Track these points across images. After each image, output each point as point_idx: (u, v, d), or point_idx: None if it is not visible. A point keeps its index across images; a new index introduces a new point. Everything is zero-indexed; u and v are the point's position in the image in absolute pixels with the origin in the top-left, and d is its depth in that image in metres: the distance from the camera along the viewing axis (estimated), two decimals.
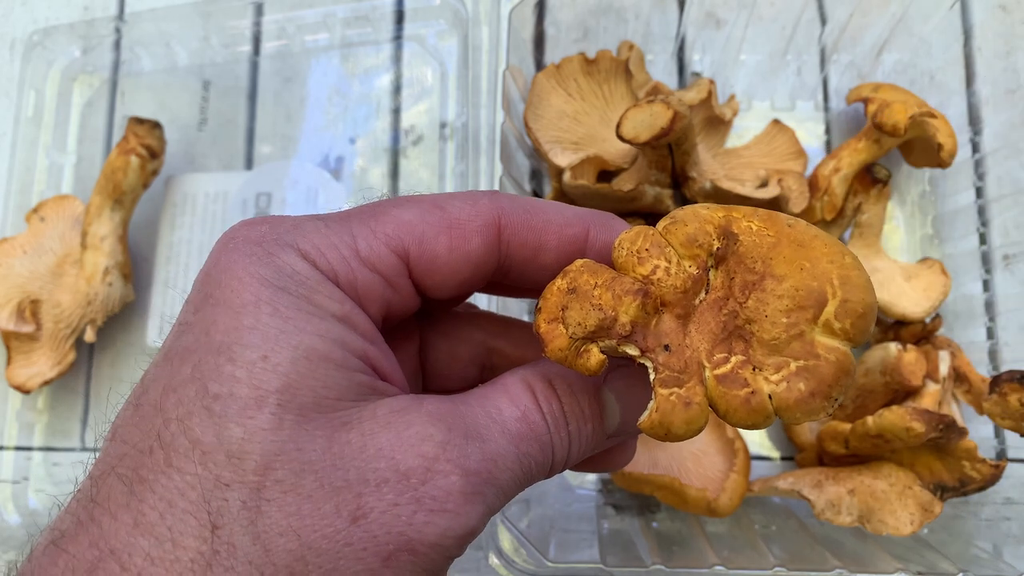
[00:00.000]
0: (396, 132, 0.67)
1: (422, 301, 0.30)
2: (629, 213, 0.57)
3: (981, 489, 0.49)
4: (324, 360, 0.25)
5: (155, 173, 0.63)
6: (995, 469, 0.48)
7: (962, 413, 0.56)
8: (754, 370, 0.25)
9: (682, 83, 0.66)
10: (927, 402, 0.53)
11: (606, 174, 0.59)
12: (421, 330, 0.33)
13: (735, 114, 0.63)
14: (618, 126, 0.51)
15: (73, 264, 0.62)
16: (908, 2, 0.59)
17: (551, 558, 0.48)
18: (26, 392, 0.61)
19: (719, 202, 0.56)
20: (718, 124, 0.62)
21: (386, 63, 0.68)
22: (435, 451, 0.25)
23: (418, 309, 0.31)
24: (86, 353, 0.66)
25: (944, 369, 0.54)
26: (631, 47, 0.60)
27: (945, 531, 0.54)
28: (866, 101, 0.57)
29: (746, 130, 0.64)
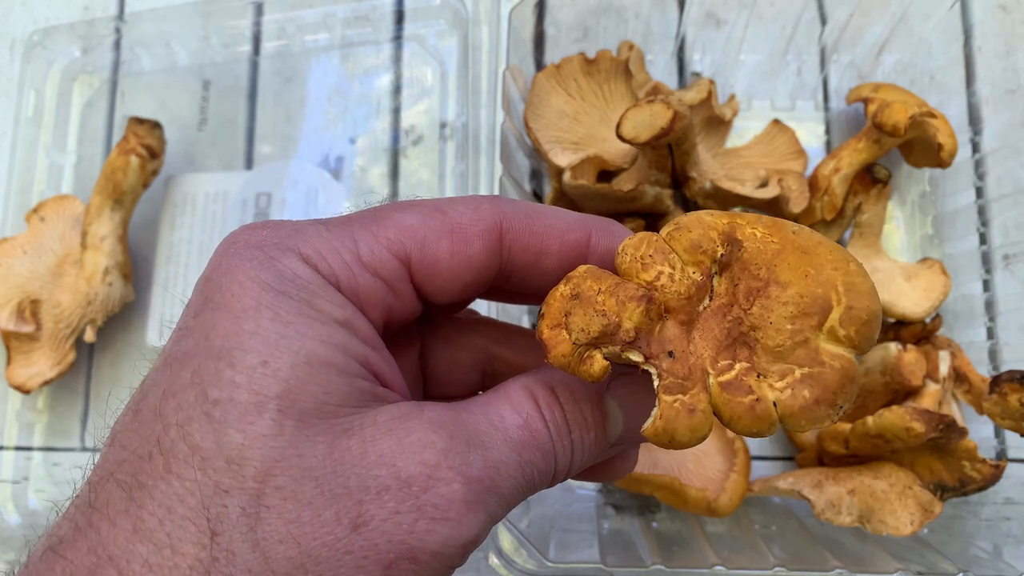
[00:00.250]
0: (396, 132, 0.67)
1: (423, 306, 0.30)
2: (629, 213, 0.57)
3: (981, 489, 0.49)
4: (325, 365, 0.25)
5: (155, 173, 0.63)
6: (995, 469, 0.48)
7: (962, 413, 0.56)
8: (758, 377, 0.25)
9: (682, 83, 0.66)
10: (927, 402, 0.53)
11: (606, 174, 0.59)
12: (422, 336, 0.33)
13: (735, 114, 0.63)
14: (618, 126, 0.51)
15: (73, 264, 0.62)
16: (908, 2, 0.59)
17: (551, 558, 0.48)
18: (26, 392, 0.61)
19: (719, 202, 0.56)
20: (718, 124, 0.62)
21: (386, 63, 0.68)
22: (437, 458, 0.24)
23: (420, 314, 0.31)
24: (86, 353, 0.66)
25: (944, 369, 0.54)
26: (631, 47, 0.60)
27: (945, 531, 0.54)
28: (866, 101, 0.57)
29: (746, 130, 0.64)
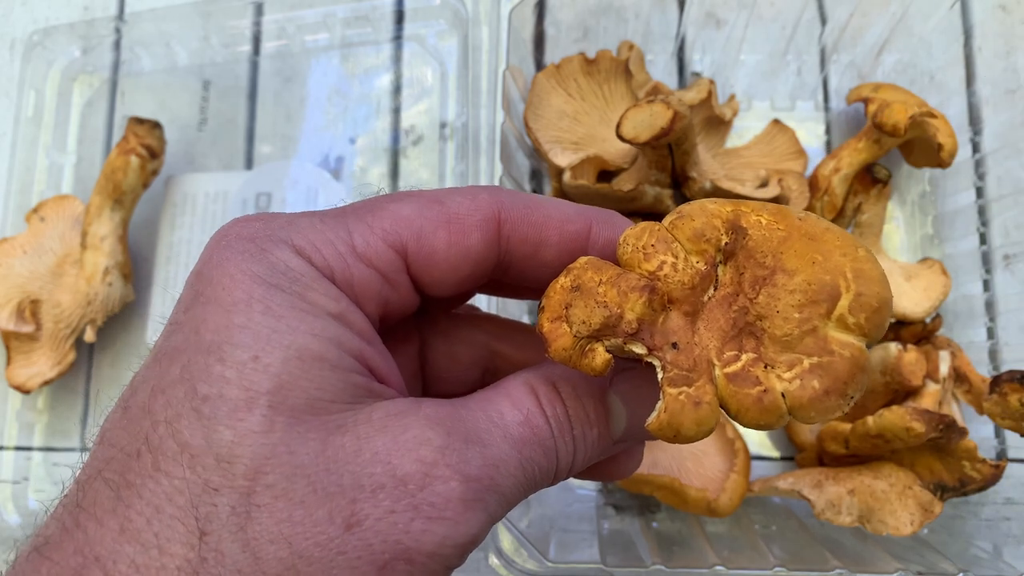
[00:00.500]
0: (396, 132, 0.67)
1: (421, 300, 0.30)
2: (629, 213, 0.57)
3: (981, 489, 0.49)
4: (318, 360, 0.24)
5: (155, 173, 0.63)
6: (995, 469, 0.48)
7: (962, 413, 0.56)
8: (766, 368, 0.24)
9: (682, 83, 0.66)
10: (927, 402, 0.53)
11: (606, 174, 0.59)
12: (421, 332, 0.33)
13: (735, 114, 0.63)
14: (618, 126, 0.51)
15: (73, 264, 0.62)
16: (908, 2, 0.59)
17: (551, 558, 0.48)
18: (26, 392, 0.61)
19: None
20: (718, 124, 0.62)
21: (386, 63, 0.68)
22: (434, 456, 0.24)
23: (417, 308, 0.30)
24: (86, 353, 0.66)
25: (944, 369, 0.54)
26: (631, 47, 0.60)
27: (945, 531, 0.54)
28: (866, 101, 0.57)
29: (746, 130, 0.64)
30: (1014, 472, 0.55)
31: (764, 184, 0.58)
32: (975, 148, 0.60)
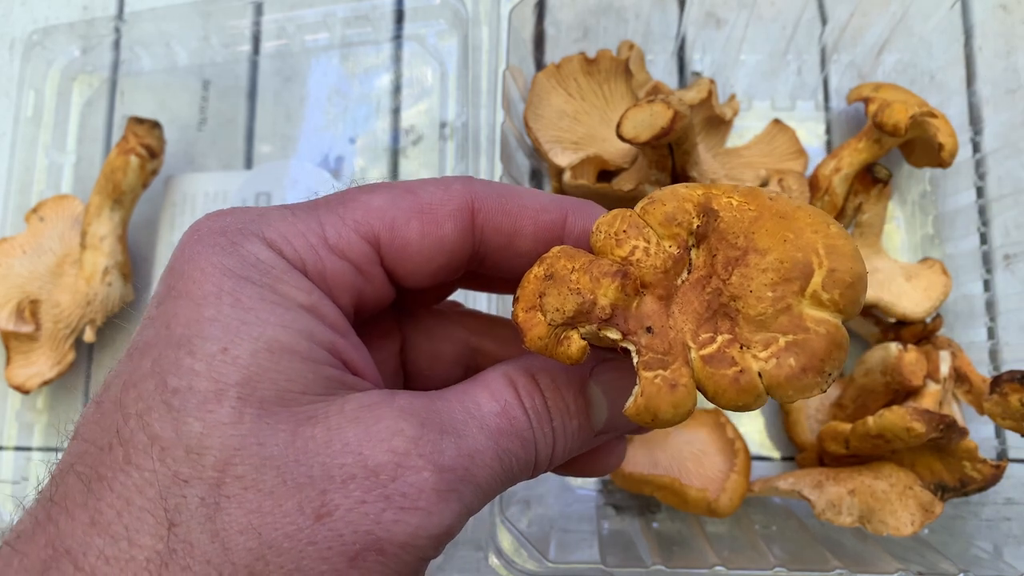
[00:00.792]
0: (396, 132, 0.67)
1: (398, 292, 0.29)
2: None
3: (982, 489, 0.49)
4: (288, 352, 0.24)
5: (155, 173, 0.63)
6: (996, 469, 0.48)
7: (963, 413, 0.56)
8: (741, 348, 0.24)
9: (682, 83, 0.66)
10: (928, 402, 0.53)
11: (606, 174, 0.59)
12: (403, 329, 0.32)
13: (735, 114, 0.63)
14: (618, 126, 0.51)
15: (73, 264, 0.62)
16: (908, 2, 0.59)
17: (551, 558, 0.48)
18: (26, 392, 0.61)
19: None
20: (718, 124, 0.62)
21: (386, 63, 0.68)
22: (406, 446, 0.24)
23: (393, 300, 0.30)
24: (86, 353, 0.66)
25: (945, 369, 0.54)
26: (631, 47, 0.60)
27: (946, 531, 0.54)
28: (867, 101, 0.57)
29: (746, 130, 0.64)
30: (1014, 472, 0.55)
31: (764, 184, 0.58)
32: (975, 148, 0.60)
